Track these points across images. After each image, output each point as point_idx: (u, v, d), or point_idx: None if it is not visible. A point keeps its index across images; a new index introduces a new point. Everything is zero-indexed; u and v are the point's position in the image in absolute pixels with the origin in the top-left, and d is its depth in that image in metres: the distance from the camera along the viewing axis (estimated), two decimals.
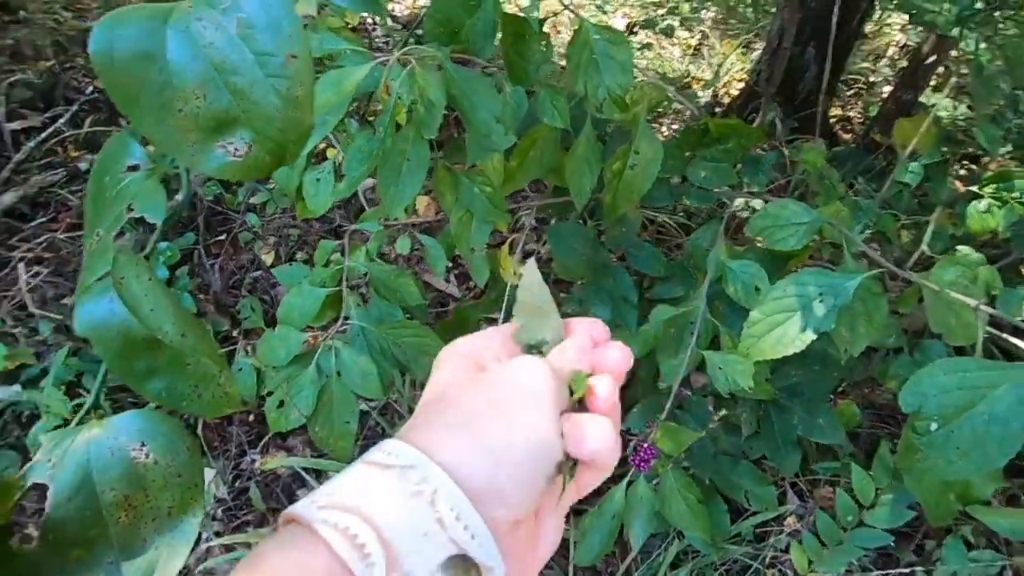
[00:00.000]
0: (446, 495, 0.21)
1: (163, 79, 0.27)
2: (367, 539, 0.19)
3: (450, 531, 0.20)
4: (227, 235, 1.52)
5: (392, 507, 0.20)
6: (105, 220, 0.29)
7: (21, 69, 1.90)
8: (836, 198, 0.91)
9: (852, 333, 0.72)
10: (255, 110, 0.28)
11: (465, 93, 0.52)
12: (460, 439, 0.23)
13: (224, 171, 0.29)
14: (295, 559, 0.19)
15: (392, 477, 0.21)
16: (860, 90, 2.65)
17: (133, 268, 0.24)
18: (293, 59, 0.27)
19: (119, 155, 0.32)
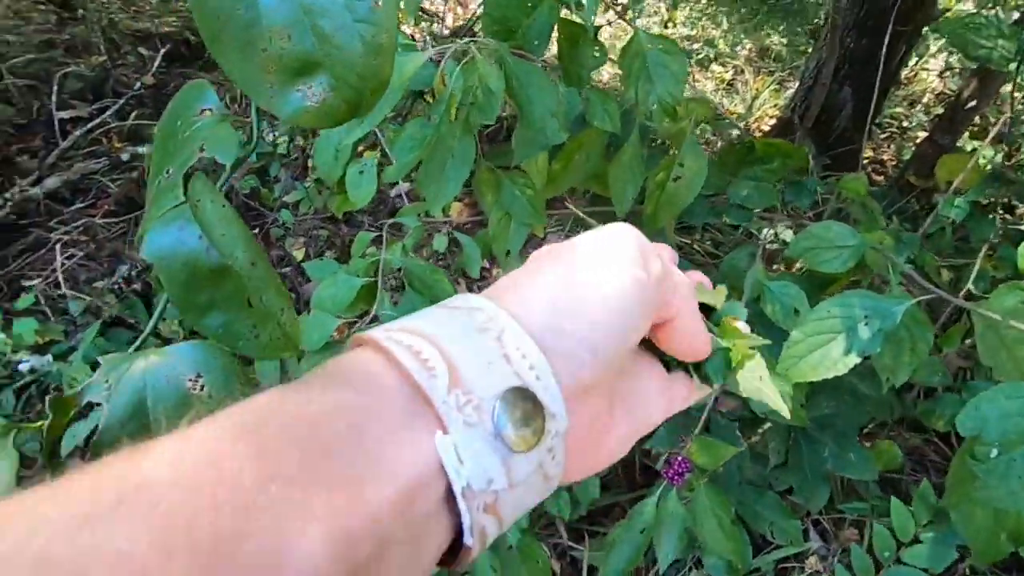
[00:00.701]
0: (513, 334, 0.20)
1: (251, 16, 0.27)
2: (431, 355, 0.19)
3: (515, 365, 0.19)
4: (259, 230, 1.54)
5: (458, 335, 0.20)
6: (176, 160, 0.29)
7: (75, 62, 1.97)
8: (878, 227, 0.90)
9: (895, 361, 0.70)
10: (337, 55, 0.28)
11: (523, 85, 0.52)
12: (524, 289, 0.22)
13: (299, 116, 0.29)
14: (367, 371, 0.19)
15: (460, 314, 0.21)
16: (893, 134, 2.64)
17: (209, 193, 0.24)
18: (379, 4, 0.27)
19: (193, 99, 0.32)
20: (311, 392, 0.18)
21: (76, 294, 1.37)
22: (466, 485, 0.17)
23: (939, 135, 1.88)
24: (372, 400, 0.18)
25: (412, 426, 0.18)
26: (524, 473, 0.19)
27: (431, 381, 0.18)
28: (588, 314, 0.21)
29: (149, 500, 0.13)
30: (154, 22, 2.36)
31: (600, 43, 0.68)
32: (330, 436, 0.16)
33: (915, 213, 1.69)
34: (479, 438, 0.18)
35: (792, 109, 2.16)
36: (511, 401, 0.18)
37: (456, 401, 0.18)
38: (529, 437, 0.19)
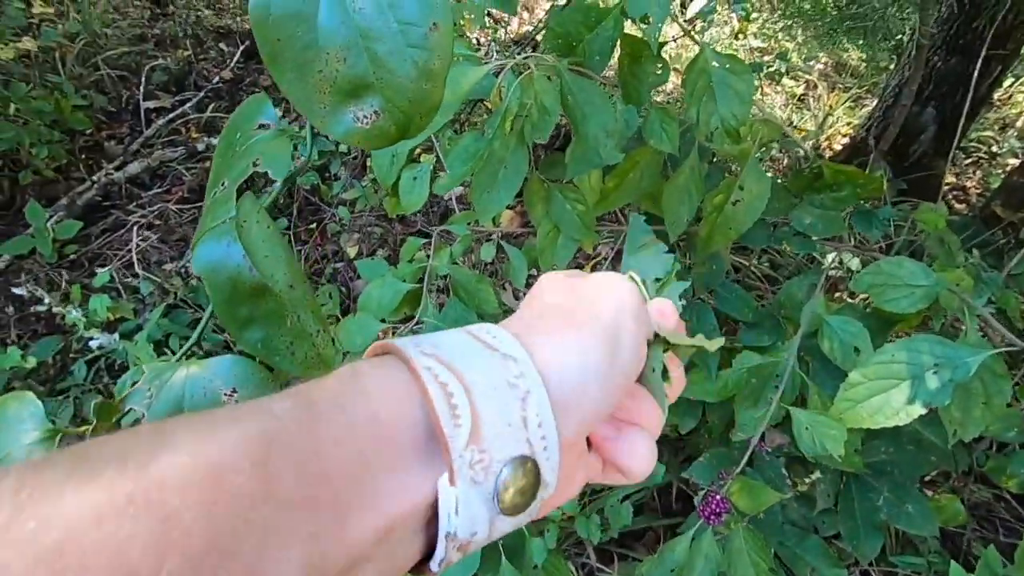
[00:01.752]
0: (537, 399, 0.20)
1: (309, 39, 0.27)
2: (460, 402, 0.19)
3: (529, 433, 0.20)
4: (317, 224, 1.59)
5: (488, 386, 0.20)
6: (232, 172, 0.30)
7: (163, 56, 2.10)
8: (956, 265, 0.83)
9: (965, 415, 0.65)
10: (390, 79, 0.28)
11: (579, 103, 0.51)
12: (562, 346, 0.22)
13: (350, 136, 0.29)
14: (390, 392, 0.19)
15: (494, 360, 0.21)
16: (980, 159, 2.46)
17: (255, 214, 0.24)
18: (435, 31, 0.27)
19: (253, 113, 0.32)
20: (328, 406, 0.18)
21: (147, 275, 1.45)
22: (452, 532, 0.19)
23: None
24: (386, 432, 0.18)
25: (419, 464, 0.19)
26: (505, 531, 0.20)
27: (455, 431, 0.18)
28: (606, 387, 0.22)
29: (155, 502, 0.14)
30: (236, 19, 2.49)
31: (663, 60, 0.66)
32: (333, 461, 0.17)
33: (1000, 248, 1.56)
34: (479, 497, 0.19)
35: (867, 129, 2.05)
36: (517, 469, 0.19)
37: (471, 457, 0.19)
38: (521, 505, 0.20)
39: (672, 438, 0.99)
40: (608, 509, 0.80)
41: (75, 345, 1.23)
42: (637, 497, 1.05)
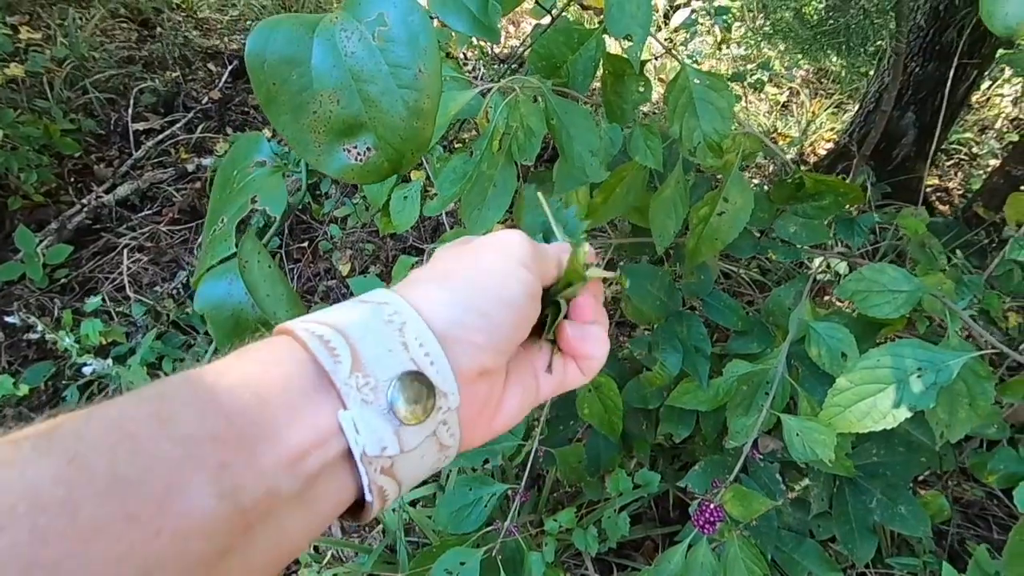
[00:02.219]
0: (413, 327, 0.23)
1: (304, 82, 0.28)
2: (338, 344, 0.22)
3: (412, 352, 0.23)
4: (309, 243, 1.59)
5: (363, 326, 0.23)
6: (230, 209, 0.31)
7: (151, 77, 2.11)
8: (938, 269, 0.85)
9: (951, 417, 0.66)
10: (382, 118, 0.29)
11: (564, 124, 0.53)
12: (430, 286, 0.25)
13: (344, 172, 0.30)
14: (278, 353, 0.22)
15: (368, 308, 0.24)
16: (961, 161, 2.51)
17: (256, 254, 0.25)
18: (424, 73, 0.28)
19: (249, 151, 0.33)
20: (221, 368, 0.21)
21: (139, 297, 1.45)
22: (362, 451, 0.21)
23: (1012, 165, 1.78)
24: (277, 376, 0.21)
25: (313, 400, 0.21)
26: (415, 441, 0.22)
27: (335, 365, 0.21)
28: (485, 310, 0.25)
29: (59, 448, 0.16)
30: (224, 40, 2.50)
31: (645, 78, 0.68)
32: (232, 404, 0.19)
33: (983, 247, 1.59)
34: (374, 413, 0.21)
35: (850, 134, 2.08)
36: (405, 383, 0.22)
37: (356, 382, 0.21)
38: (419, 413, 0.22)
39: (667, 447, 1.00)
40: (605, 520, 0.81)
41: (68, 371, 1.22)
42: (634, 507, 1.06)
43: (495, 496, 0.72)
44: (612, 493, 0.82)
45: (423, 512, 0.92)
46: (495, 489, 0.72)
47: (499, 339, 0.25)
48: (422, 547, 1.02)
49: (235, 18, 2.58)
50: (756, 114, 2.51)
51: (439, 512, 0.72)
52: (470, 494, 0.72)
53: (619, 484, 0.81)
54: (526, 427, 0.80)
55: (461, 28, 0.42)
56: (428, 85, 0.28)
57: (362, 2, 0.28)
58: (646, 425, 0.94)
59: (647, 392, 0.87)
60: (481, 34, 0.42)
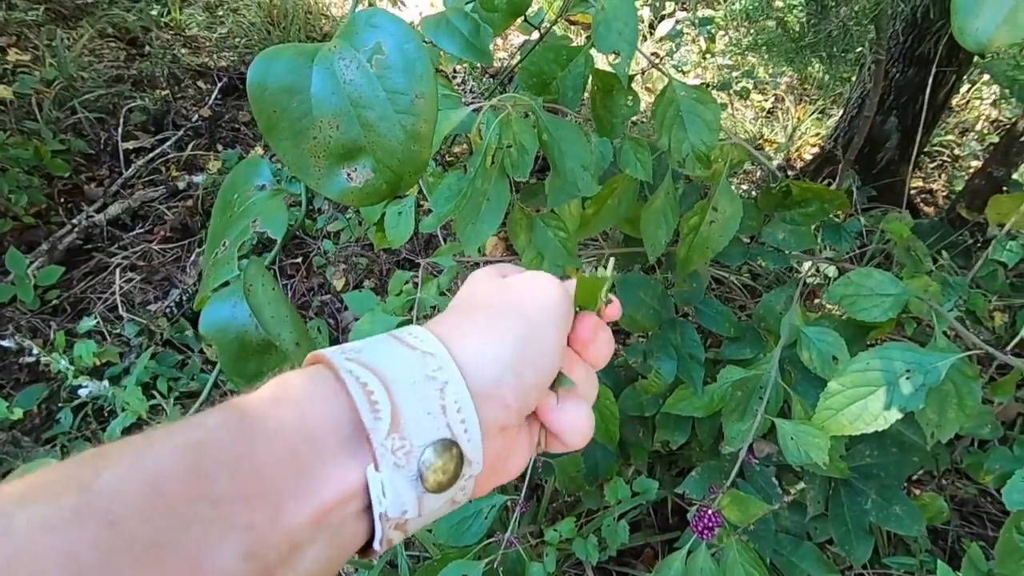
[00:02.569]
0: (455, 388, 0.23)
1: (304, 109, 0.29)
2: (380, 398, 0.21)
3: (449, 418, 0.23)
4: (303, 259, 1.60)
5: (407, 381, 0.22)
6: (231, 232, 0.32)
7: (140, 96, 2.11)
8: (923, 272, 0.87)
9: (940, 417, 0.67)
10: (381, 142, 0.30)
11: (556, 140, 0.54)
12: (480, 342, 0.25)
13: (344, 195, 0.31)
14: (317, 396, 0.22)
15: (414, 357, 0.23)
16: (944, 163, 2.55)
17: (260, 277, 0.26)
18: (421, 98, 0.29)
19: (249, 175, 0.34)
20: (260, 409, 0.21)
21: (132, 316, 1.45)
22: (384, 512, 0.21)
23: (993, 167, 1.81)
24: (313, 428, 0.21)
25: (346, 454, 0.21)
26: (435, 507, 0.23)
27: (375, 423, 0.21)
28: (527, 373, 0.25)
29: (100, 510, 0.16)
30: (213, 57, 2.51)
31: (633, 92, 0.69)
32: (265, 459, 0.19)
33: (968, 248, 1.62)
34: (403, 478, 0.21)
35: (835, 139, 2.12)
36: (438, 450, 0.22)
37: (392, 444, 0.21)
38: (445, 483, 0.22)
39: (664, 454, 1.01)
40: (604, 529, 0.82)
41: (62, 394, 1.21)
42: (633, 514, 1.06)
43: (495, 508, 0.72)
44: (611, 501, 0.82)
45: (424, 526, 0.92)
46: (495, 501, 0.72)
47: (527, 401, 0.26)
48: (423, 561, 1.01)
49: (224, 36, 2.59)
50: (743, 121, 2.55)
51: (439, 526, 0.72)
52: (470, 506, 0.72)
53: (617, 492, 0.82)
54: None
55: (454, 51, 0.43)
56: (425, 110, 0.29)
57: (359, 31, 0.29)
58: (643, 432, 0.94)
59: (643, 400, 0.88)
60: (474, 56, 0.43)
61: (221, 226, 0.33)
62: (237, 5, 2.72)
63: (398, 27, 0.29)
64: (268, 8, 2.62)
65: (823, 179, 2.16)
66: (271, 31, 2.54)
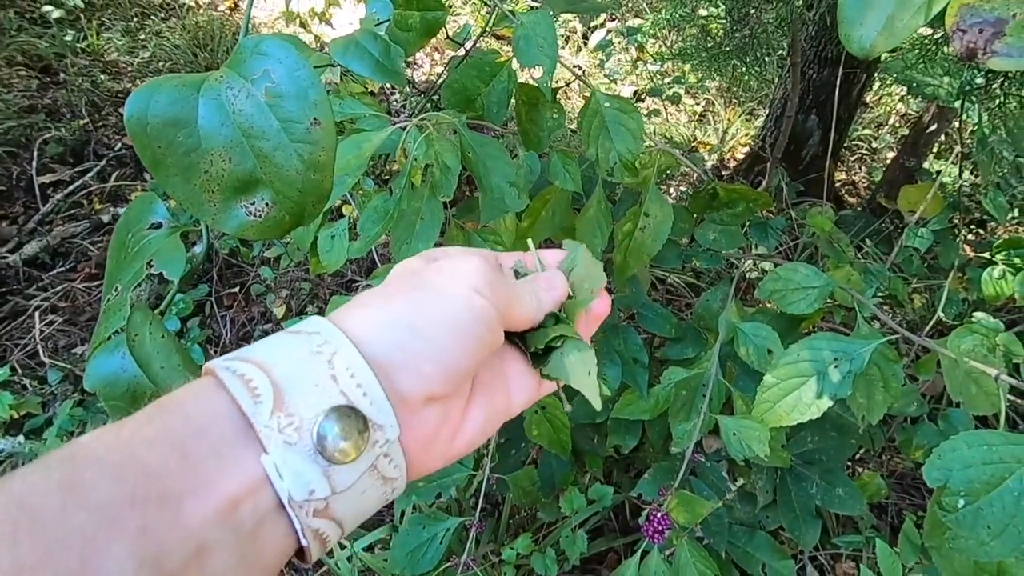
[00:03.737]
0: (344, 356, 0.22)
1: (192, 142, 0.28)
2: (260, 383, 0.21)
3: (342, 385, 0.21)
4: (240, 287, 1.54)
5: (289, 360, 0.22)
6: (125, 275, 0.30)
7: (56, 126, 1.99)
8: (846, 262, 0.91)
9: (869, 400, 0.71)
10: (278, 173, 0.29)
11: (480, 158, 0.54)
12: (369, 310, 0.24)
13: (244, 230, 0.29)
14: (200, 399, 0.21)
15: (297, 340, 0.23)
16: (863, 155, 2.71)
17: (147, 325, 0.24)
18: (317, 126, 0.28)
19: (143, 213, 0.32)
20: (139, 420, 0.20)
21: (55, 362, 1.35)
22: (288, 497, 0.20)
23: (905, 158, 1.94)
24: (200, 425, 0.20)
25: (237, 446, 0.20)
26: (349, 480, 0.21)
27: (255, 407, 0.20)
28: (429, 335, 0.24)
29: None
30: (136, 82, 2.40)
31: (559, 105, 0.70)
32: (151, 459, 0.18)
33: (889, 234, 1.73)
34: (298, 455, 0.20)
35: (763, 138, 2.22)
36: (333, 418, 0.21)
37: (278, 423, 0.20)
38: (350, 450, 0.21)
39: (620, 457, 1.01)
40: (563, 540, 0.81)
41: None
42: (595, 521, 1.06)
43: (450, 531, 0.71)
44: (567, 512, 0.82)
45: (379, 557, 0.89)
46: (449, 524, 0.71)
47: (448, 366, 0.24)
48: None
49: (146, 60, 2.48)
50: (677, 125, 2.63)
51: (394, 554, 0.70)
52: (424, 532, 0.71)
53: (573, 503, 0.82)
54: (475, 456, 0.79)
55: (365, 73, 0.43)
56: (322, 138, 0.28)
57: (246, 60, 0.28)
58: (596, 439, 0.95)
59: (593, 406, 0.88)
60: (385, 78, 0.42)
61: (115, 269, 0.31)
62: (160, 28, 2.61)
63: (288, 54, 0.28)
64: (193, 30, 2.53)
65: (755, 177, 2.26)
66: (197, 54, 2.45)
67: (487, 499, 0.91)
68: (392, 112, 2.18)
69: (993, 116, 0.96)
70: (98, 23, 2.46)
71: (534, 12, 0.61)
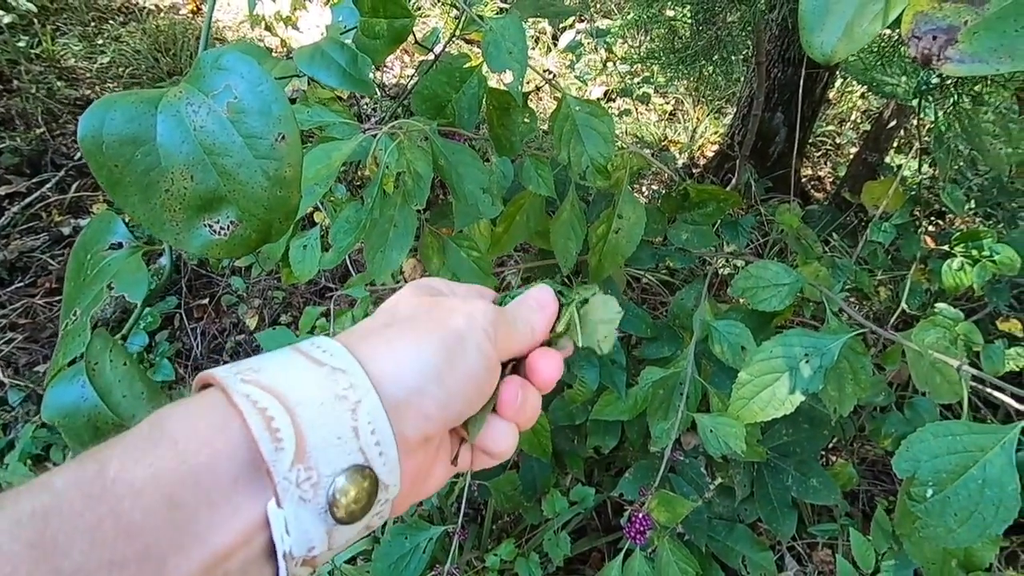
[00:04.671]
0: (368, 406, 0.21)
1: (151, 161, 0.27)
2: (282, 425, 0.19)
3: (362, 441, 0.21)
4: (210, 299, 1.50)
5: (314, 403, 0.20)
6: (84, 299, 0.29)
7: (11, 136, 1.92)
8: (814, 258, 0.94)
9: (840, 393, 0.72)
10: (243, 190, 0.28)
11: (452, 165, 0.54)
12: (399, 352, 0.23)
13: (209, 249, 0.29)
14: (203, 430, 0.19)
15: (321, 375, 0.21)
16: (828, 151, 2.79)
17: (107, 352, 0.23)
18: (282, 141, 0.28)
19: (101, 232, 0.31)
20: (125, 459, 0.18)
21: (16, 381, 1.30)
22: (288, 551, 0.19)
23: (867, 153, 2.00)
24: (197, 466, 0.18)
25: (243, 492, 0.18)
26: (347, 538, 0.21)
27: (276, 454, 0.19)
28: (452, 384, 0.24)
29: None
30: (95, 89, 2.33)
31: (530, 110, 0.70)
32: (133, 513, 0.17)
33: (854, 228, 1.77)
34: (309, 513, 0.19)
35: (731, 136, 2.26)
36: (349, 479, 0.20)
37: (296, 477, 0.19)
38: (357, 512, 0.20)
39: (600, 457, 1.02)
40: (546, 543, 0.81)
41: None
42: (578, 521, 1.07)
43: (432, 540, 0.70)
44: (548, 515, 0.82)
45: (361, 569, 0.88)
46: (431, 533, 0.70)
47: (451, 412, 0.24)
48: None
49: (105, 66, 2.41)
50: (647, 124, 2.67)
51: (376, 567, 0.69)
52: (406, 543, 0.70)
53: (555, 505, 0.82)
54: None
55: (332, 83, 0.42)
56: (288, 154, 0.28)
57: (206, 74, 0.27)
58: (577, 440, 0.95)
59: (572, 409, 0.89)
60: (353, 87, 0.42)
61: (73, 292, 0.30)
62: (119, 32, 2.54)
63: (249, 68, 0.27)
64: (154, 35, 2.47)
65: (724, 174, 2.30)
66: (159, 59, 2.39)
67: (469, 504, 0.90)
68: (362, 117, 2.15)
69: (948, 114, 1.00)
70: (53, 28, 2.38)
71: (503, 17, 0.61)
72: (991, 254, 0.86)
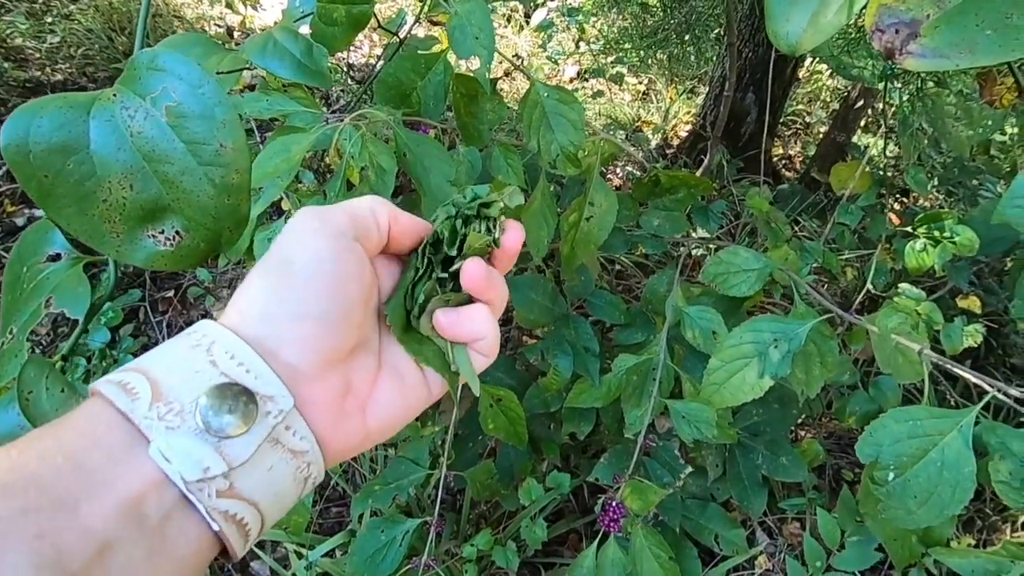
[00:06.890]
0: (223, 343, 0.22)
1: (85, 170, 0.25)
2: (137, 383, 0.21)
3: (223, 367, 0.22)
4: (176, 291, 1.46)
5: (168, 358, 0.22)
6: (20, 316, 0.27)
7: None
8: (783, 241, 0.95)
9: (807, 375, 0.74)
10: (187, 199, 0.26)
11: (417, 157, 0.52)
12: (240, 300, 0.24)
13: (154, 260, 0.27)
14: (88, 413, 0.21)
15: (178, 340, 0.23)
16: (798, 130, 2.82)
17: (43, 380, 0.22)
18: (227, 147, 0.26)
19: (38, 244, 0.30)
20: (27, 441, 0.20)
21: None
22: (182, 478, 0.20)
23: (836, 133, 2.02)
24: (93, 436, 0.20)
25: (133, 449, 0.20)
26: (246, 453, 0.21)
27: (132, 404, 0.20)
28: (294, 295, 0.24)
29: None
30: (45, 71, 2.21)
31: (498, 97, 0.69)
32: (43, 472, 0.18)
33: (824, 207, 1.81)
34: (184, 436, 0.20)
35: (704, 117, 2.27)
36: (215, 396, 0.21)
37: (157, 412, 0.20)
38: (237, 422, 0.21)
39: (576, 442, 1.03)
40: (523, 530, 0.82)
41: None
42: (554, 504, 1.08)
43: (409, 533, 0.70)
44: (525, 503, 0.83)
45: (339, 563, 0.88)
46: (407, 526, 0.70)
47: (327, 318, 0.24)
48: None
49: (55, 46, 2.29)
50: (621, 105, 2.65)
51: (352, 561, 0.69)
52: (383, 536, 0.70)
53: (531, 493, 0.83)
54: (432, 454, 0.78)
55: (285, 74, 0.40)
56: (234, 160, 0.26)
57: (142, 76, 0.25)
58: (552, 426, 0.96)
59: (547, 396, 0.89)
60: (308, 80, 0.40)
61: (10, 308, 0.28)
62: (69, 11, 2.41)
63: (189, 69, 0.25)
64: (108, 12, 2.35)
65: (697, 155, 2.31)
66: (114, 38, 2.28)
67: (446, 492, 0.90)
68: (330, 100, 2.09)
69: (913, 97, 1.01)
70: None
71: (469, 0, 0.59)
72: (952, 235, 0.88)
